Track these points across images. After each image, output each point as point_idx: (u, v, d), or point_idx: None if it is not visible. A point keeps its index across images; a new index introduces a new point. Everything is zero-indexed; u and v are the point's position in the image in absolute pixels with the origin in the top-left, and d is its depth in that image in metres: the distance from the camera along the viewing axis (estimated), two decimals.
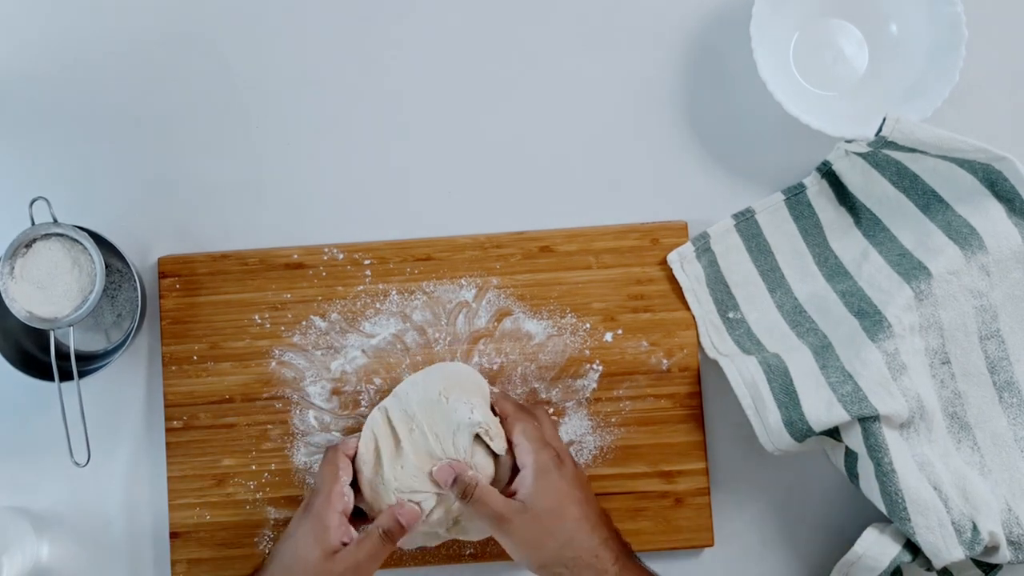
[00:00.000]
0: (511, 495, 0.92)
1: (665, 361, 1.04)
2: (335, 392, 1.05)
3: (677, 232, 1.05)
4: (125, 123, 1.07)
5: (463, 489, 0.91)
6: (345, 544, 0.91)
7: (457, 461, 0.93)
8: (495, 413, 0.98)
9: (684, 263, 1.04)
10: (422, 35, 1.08)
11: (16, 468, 1.06)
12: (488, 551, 1.03)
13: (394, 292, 1.05)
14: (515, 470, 0.95)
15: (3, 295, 0.97)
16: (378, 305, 1.05)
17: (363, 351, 1.05)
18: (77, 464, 1.00)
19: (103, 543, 1.05)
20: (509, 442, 0.96)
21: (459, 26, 1.08)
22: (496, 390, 1.01)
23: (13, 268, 0.98)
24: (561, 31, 1.08)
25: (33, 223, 0.98)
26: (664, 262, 1.05)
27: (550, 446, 0.94)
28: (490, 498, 0.91)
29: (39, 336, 1.05)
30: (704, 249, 1.05)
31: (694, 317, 1.05)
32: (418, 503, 0.94)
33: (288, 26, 1.08)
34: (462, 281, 1.05)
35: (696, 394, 1.04)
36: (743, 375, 0.99)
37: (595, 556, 0.91)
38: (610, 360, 1.04)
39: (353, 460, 0.96)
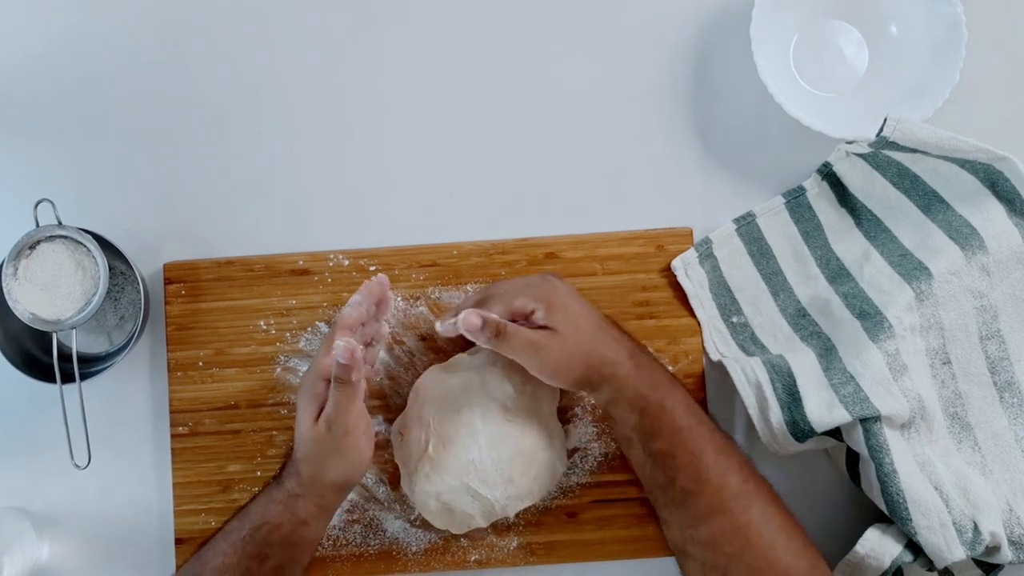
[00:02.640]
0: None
1: (670, 367, 1.04)
2: None
3: (682, 238, 1.06)
4: (131, 126, 1.07)
5: (494, 329, 0.92)
6: None
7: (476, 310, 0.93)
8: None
9: (688, 269, 1.05)
10: (427, 44, 1.09)
11: (17, 469, 1.05)
12: (494, 557, 1.03)
13: (399, 298, 1.05)
14: None
15: (7, 296, 0.97)
16: None
17: None
18: (77, 466, 1.00)
19: (104, 545, 1.05)
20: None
21: (463, 34, 1.09)
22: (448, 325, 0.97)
23: (17, 270, 0.97)
24: (563, 38, 1.09)
25: (38, 225, 0.98)
26: (669, 268, 1.05)
27: (532, 282, 0.96)
28: (520, 331, 0.92)
29: (42, 338, 1.04)
30: (707, 254, 1.05)
31: (699, 323, 1.05)
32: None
33: (294, 32, 1.09)
34: (467, 288, 1.05)
35: (701, 400, 1.04)
36: (747, 375, 1.00)
37: (614, 356, 0.94)
38: None
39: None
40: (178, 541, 1.03)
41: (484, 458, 0.96)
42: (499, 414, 0.98)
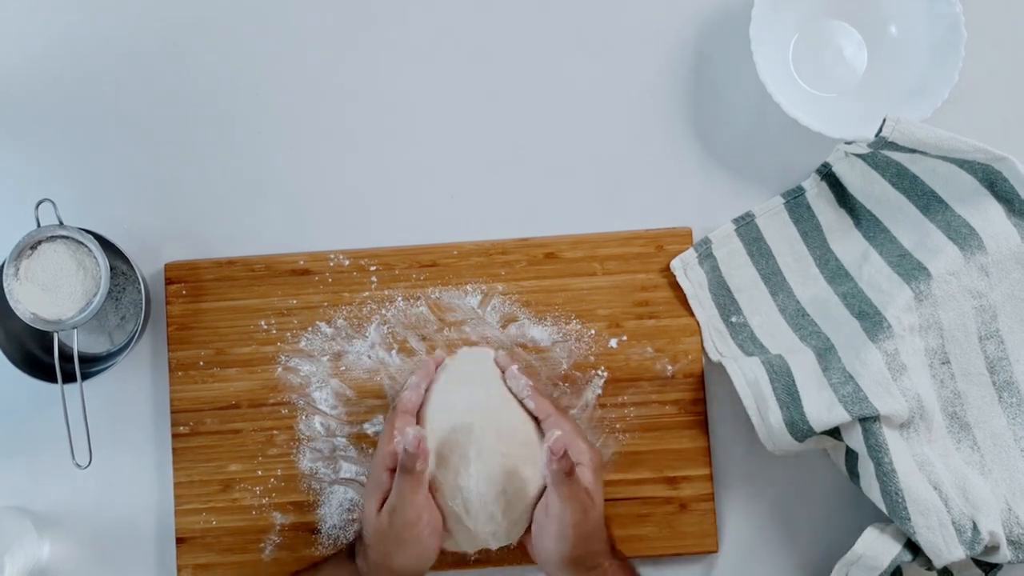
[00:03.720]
0: None
1: (670, 367, 1.05)
2: (341, 398, 1.04)
3: (682, 238, 1.06)
4: (132, 127, 1.08)
5: (568, 467, 0.90)
6: None
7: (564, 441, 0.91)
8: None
9: (687, 269, 1.05)
10: (427, 44, 1.09)
11: (18, 469, 1.05)
12: (493, 556, 1.03)
13: (400, 298, 1.05)
14: None
15: (8, 297, 0.97)
16: (384, 311, 1.05)
17: (369, 357, 1.05)
18: (79, 466, 1.00)
19: (104, 545, 1.05)
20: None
21: (463, 34, 1.09)
22: (529, 383, 0.99)
23: (18, 270, 0.97)
24: (563, 38, 1.09)
25: (39, 225, 0.98)
26: (668, 269, 1.05)
27: (591, 444, 0.97)
28: (581, 482, 0.91)
29: (43, 338, 1.04)
30: (706, 255, 1.06)
31: (698, 323, 1.05)
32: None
33: (295, 33, 1.09)
34: (467, 287, 1.05)
35: (700, 400, 1.05)
36: (746, 375, 1.00)
37: (602, 550, 0.94)
38: (615, 366, 1.05)
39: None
40: (179, 540, 1.03)
41: (471, 488, 0.94)
42: (495, 448, 0.95)
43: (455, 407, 0.97)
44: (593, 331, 1.05)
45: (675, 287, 1.06)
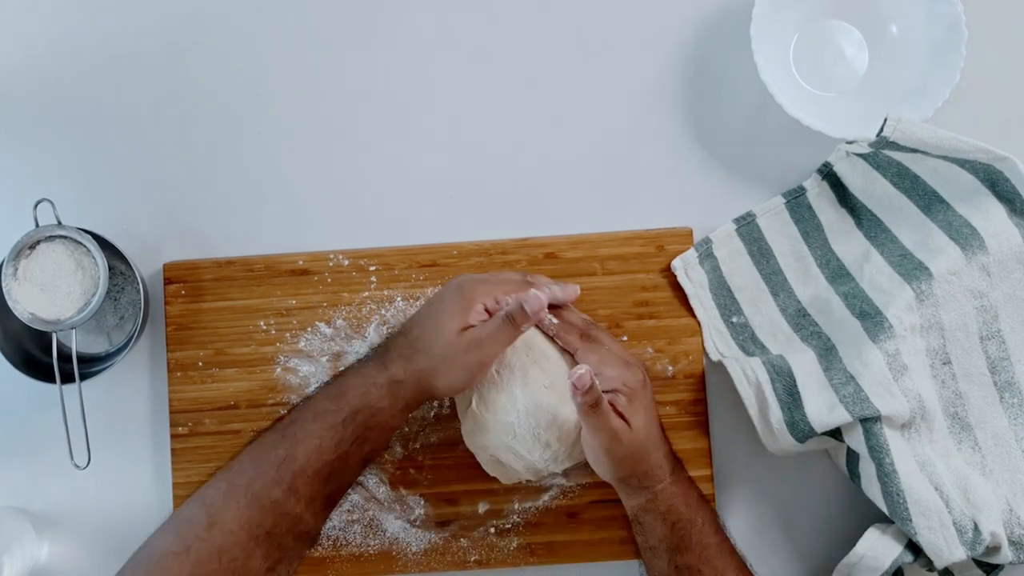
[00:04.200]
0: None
1: (670, 368, 1.05)
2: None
3: (682, 238, 1.06)
4: (131, 127, 1.07)
5: (594, 399, 0.91)
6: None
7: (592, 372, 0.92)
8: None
9: (687, 269, 1.05)
10: (427, 44, 1.09)
11: (17, 469, 1.05)
12: (493, 557, 1.03)
13: (399, 298, 1.05)
14: None
15: (6, 296, 0.97)
16: (383, 311, 1.05)
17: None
18: (77, 466, 1.00)
19: (103, 545, 1.05)
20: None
21: (463, 34, 1.09)
22: (554, 320, 1.00)
23: (17, 269, 0.97)
24: (562, 37, 1.09)
25: (37, 225, 0.98)
26: (669, 268, 1.05)
27: (631, 365, 0.97)
28: (611, 414, 0.93)
29: (41, 338, 1.04)
30: (707, 254, 1.05)
31: (699, 323, 1.05)
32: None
33: (294, 32, 1.09)
34: None
35: (701, 401, 1.04)
36: (747, 375, 1.00)
37: (659, 467, 0.96)
38: None
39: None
40: None
41: (522, 423, 0.97)
42: (539, 380, 0.97)
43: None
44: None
45: (675, 287, 1.05)
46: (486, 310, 0.95)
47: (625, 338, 1.05)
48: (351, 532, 1.03)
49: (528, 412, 0.96)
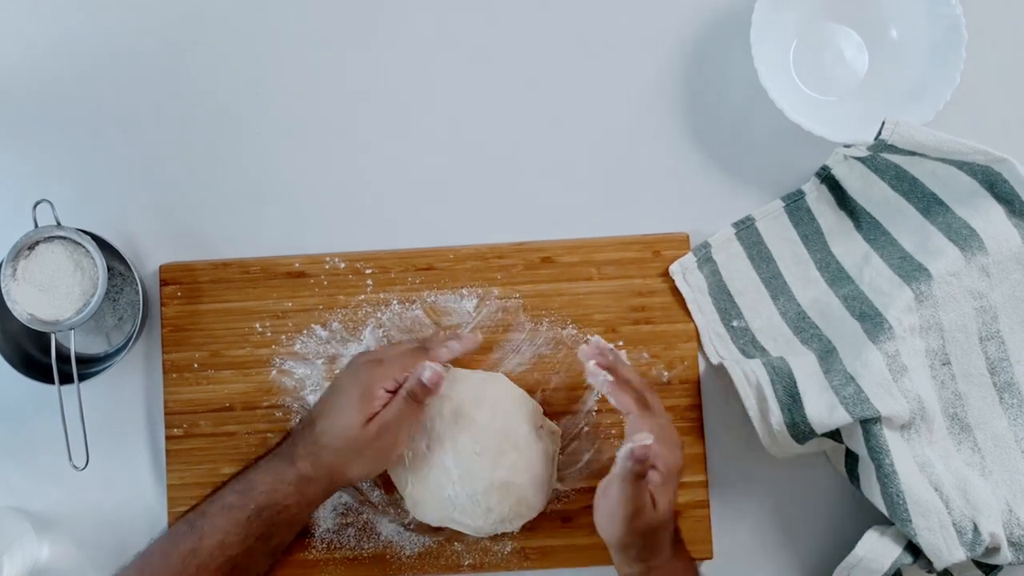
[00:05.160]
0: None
1: (666, 373, 1.04)
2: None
3: (678, 244, 1.05)
4: (130, 128, 1.08)
5: (645, 469, 0.88)
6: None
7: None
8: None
9: (686, 273, 1.04)
10: (425, 46, 1.09)
11: (16, 469, 1.06)
12: (487, 561, 1.03)
13: (395, 302, 1.05)
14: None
15: (5, 297, 0.98)
16: (379, 315, 1.05)
17: None
18: (76, 467, 1.00)
19: (102, 546, 1.05)
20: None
21: (462, 38, 1.09)
22: (609, 378, 0.95)
23: (16, 270, 0.98)
24: (561, 41, 1.09)
25: (36, 226, 0.99)
26: (665, 274, 1.05)
27: (677, 446, 0.95)
28: (646, 488, 0.90)
29: (40, 338, 1.05)
30: (706, 259, 1.05)
31: (696, 328, 1.05)
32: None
33: (291, 35, 1.09)
34: (463, 291, 1.05)
35: (696, 406, 1.04)
36: (747, 377, 0.99)
37: (663, 545, 0.93)
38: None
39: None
40: None
41: (459, 494, 0.97)
42: (469, 448, 0.97)
43: (426, 415, 0.99)
44: (589, 336, 1.04)
45: (671, 292, 1.05)
46: (387, 391, 0.95)
47: (621, 343, 1.04)
48: (345, 535, 1.03)
49: (463, 482, 0.97)
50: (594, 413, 1.04)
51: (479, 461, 0.97)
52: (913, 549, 0.95)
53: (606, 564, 1.03)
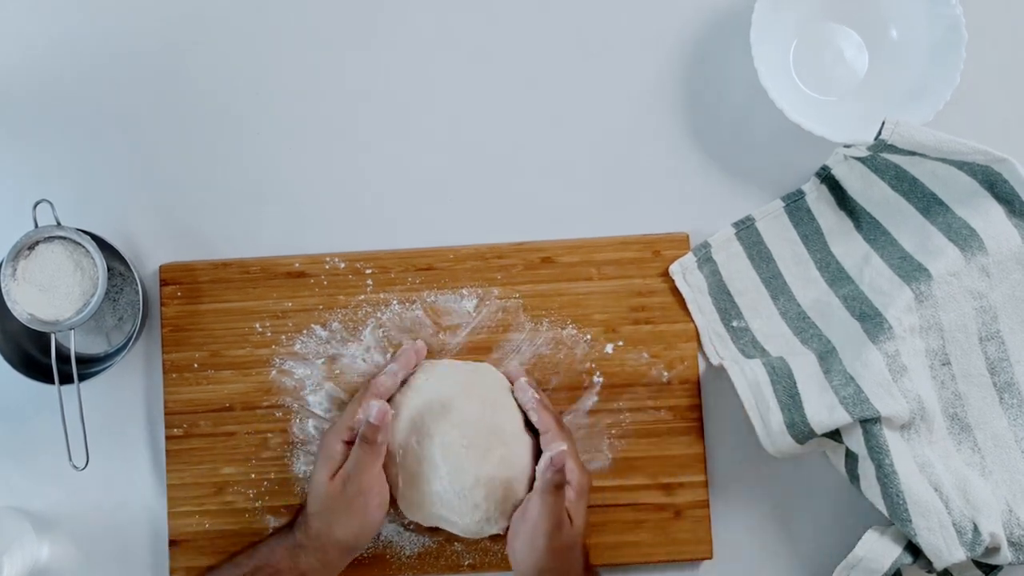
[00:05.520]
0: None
1: (665, 373, 1.04)
2: (335, 401, 1.04)
3: (678, 244, 1.05)
4: (130, 128, 1.08)
5: (563, 480, 0.93)
6: None
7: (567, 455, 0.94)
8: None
9: (686, 273, 1.04)
10: (425, 46, 1.09)
11: (15, 469, 1.06)
12: (487, 561, 1.03)
13: (395, 302, 1.05)
14: None
15: (5, 297, 0.98)
16: (379, 315, 1.05)
17: (364, 360, 1.05)
18: (76, 467, 1.00)
19: (102, 546, 1.05)
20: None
21: (462, 38, 1.09)
22: (536, 396, 1.00)
23: (15, 270, 0.98)
24: (561, 41, 1.09)
25: (36, 226, 0.99)
26: (665, 274, 1.05)
27: (584, 470, 0.98)
28: (563, 501, 0.93)
29: (40, 338, 1.05)
30: (706, 259, 1.05)
31: (696, 328, 1.05)
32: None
33: (291, 35, 1.09)
34: (463, 291, 1.05)
35: (696, 406, 1.04)
36: (747, 377, 0.99)
37: (575, 570, 0.96)
38: (610, 371, 1.04)
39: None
40: (172, 543, 1.03)
41: (447, 489, 0.97)
42: (457, 442, 0.97)
43: (417, 411, 0.99)
44: (589, 336, 1.05)
45: (671, 292, 1.05)
46: (346, 444, 0.96)
47: (621, 343, 1.04)
48: None
49: (451, 477, 0.97)
50: (594, 413, 1.04)
51: (467, 455, 0.97)
52: (913, 549, 0.95)
53: (603, 565, 1.03)
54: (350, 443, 0.96)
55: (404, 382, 1.01)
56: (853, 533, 0.99)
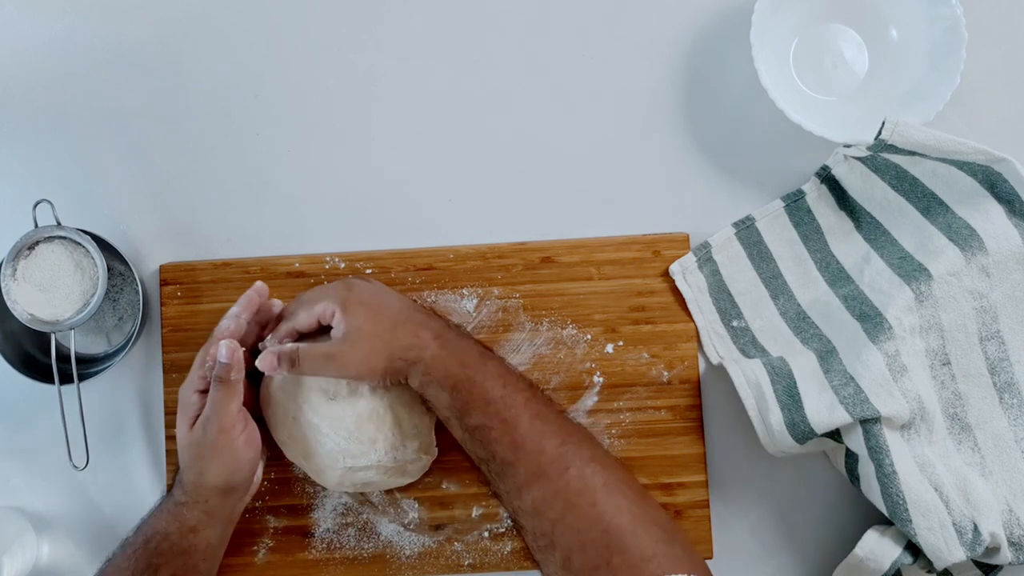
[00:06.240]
0: None
1: (666, 373, 1.04)
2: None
3: (679, 244, 1.05)
4: (130, 128, 1.08)
5: (290, 360, 0.94)
6: None
7: (276, 345, 0.96)
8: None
9: (686, 274, 1.05)
10: (424, 46, 1.09)
11: (16, 469, 1.06)
12: (488, 561, 1.03)
13: None
14: None
15: (5, 297, 0.98)
16: None
17: None
18: (76, 467, 1.00)
19: (101, 546, 1.05)
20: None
21: (462, 38, 1.09)
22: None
23: (16, 270, 0.98)
24: (562, 42, 1.09)
25: (36, 226, 0.99)
26: (665, 274, 1.05)
27: (334, 284, 0.99)
28: (313, 350, 0.94)
29: (40, 338, 1.05)
30: (706, 259, 1.05)
31: (696, 328, 1.05)
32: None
33: (291, 35, 1.09)
34: (463, 291, 1.05)
35: (696, 406, 1.04)
36: (747, 376, 0.99)
37: (413, 342, 0.95)
38: (611, 371, 1.04)
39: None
40: None
41: (337, 442, 0.97)
42: (322, 397, 0.97)
43: (276, 396, 0.99)
44: (589, 336, 1.05)
45: (672, 292, 1.05)
46: (201, 393, 0.95)
47: (621, 343, 1.04)
48: (345, 535, 1.03)
49: (334, 428, 0.97)
50: (592, 413, 1.04)
51: (337, 404, 0.97)
52: (913, 549, 0.95)
53: None
54: (205, 392, 0.95)
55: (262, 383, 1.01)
56: (853, 533, 0.99)
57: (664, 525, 0.91)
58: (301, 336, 0.98)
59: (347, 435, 0.96)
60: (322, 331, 0.97)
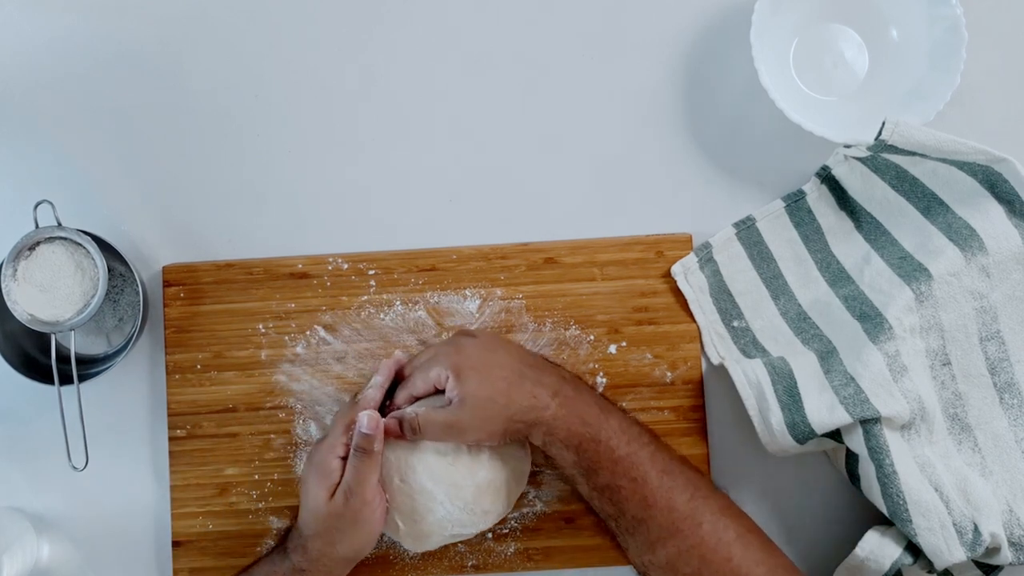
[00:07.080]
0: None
1: (669, 374, 1.04)
2: (338, 402, 1.04)
3: (681, 244, 1.05)
4: (131, 128, 1.08)
5: (412, 428, 0.94)
6: None
7: (397, 410, 0.96)
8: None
9: (687, 274, 1.05)
10: (426, 46, 1.09)
11: (16, 470, 1.05)
12: (491, 562, 1.03)
13: (398, 302, 1.05)
14: None
15: (5, 297, 0.97)
16: (382, 315, 1.05)
17: (366, 361, 1.04)
18: (75, 468, 1.00)
19: (103, 547, 1.05)
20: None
21: (463, 37, 1.09)
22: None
23: (16, 271, 0.97)
24: (562, 42, 1.09)
25: (37, 226, 0.98)
26: (668, 274, 1.05)
27: (444, 346, 0.98)
28: (433, 416, 0.94)
29: (40, 339, 1.04)
30: (707, 259, 1.05)
31: (698, 329, 1.05)
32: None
33: (292, 35, 1.09)
34: (466, 292, 1.05)
35: (699, 407, 1.04)
36: (748, 376, 1.00)
37: (533, 398, 0.94)
38: (614, 372, 1.04)
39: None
40: (175, 544, 1.03)
41: (450, 511, 0.95)
42: (441, 462, 0.96)
43: (388, 459, 0.97)
44: (592, 337, 1.05)
45: (674, 293, 1.05)
46: (341, 460, 0.95)
47: (624, 343, 1.04)
48: None
49: (451, 498, 0.95)
50: None
51: (456, 471, 0.96)
52: (913, 549, 0.95)
53: (609, 565, 1.04)
54: (344, 458, 0.94)
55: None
56: (853, 533, 0.99)
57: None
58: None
59: (463, 505, 0.96)
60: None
